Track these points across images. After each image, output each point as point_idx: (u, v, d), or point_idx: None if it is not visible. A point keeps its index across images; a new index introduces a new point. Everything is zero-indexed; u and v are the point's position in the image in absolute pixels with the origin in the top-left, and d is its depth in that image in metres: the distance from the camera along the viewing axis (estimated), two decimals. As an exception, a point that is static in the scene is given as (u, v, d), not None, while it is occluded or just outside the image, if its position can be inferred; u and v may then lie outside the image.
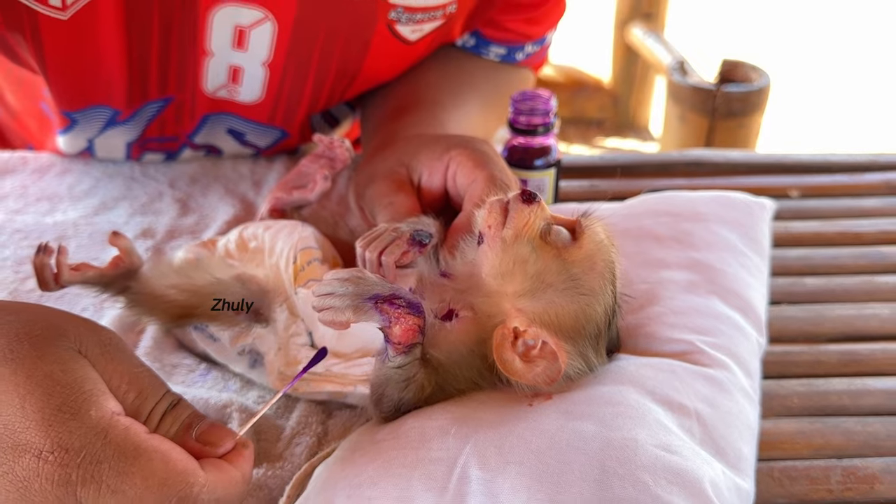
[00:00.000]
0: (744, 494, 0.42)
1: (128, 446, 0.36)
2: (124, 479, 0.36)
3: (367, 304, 0.42)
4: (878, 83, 3.17)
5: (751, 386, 0.49)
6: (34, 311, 0.41)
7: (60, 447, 0.35)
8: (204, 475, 0.38)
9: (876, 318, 0.62)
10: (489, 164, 0.53)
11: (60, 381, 0.37)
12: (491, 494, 0.38)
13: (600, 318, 0.45)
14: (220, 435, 0.40)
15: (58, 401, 0.36)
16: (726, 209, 0.61)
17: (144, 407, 0.40)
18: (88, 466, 0.35)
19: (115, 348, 0.41)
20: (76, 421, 0.36)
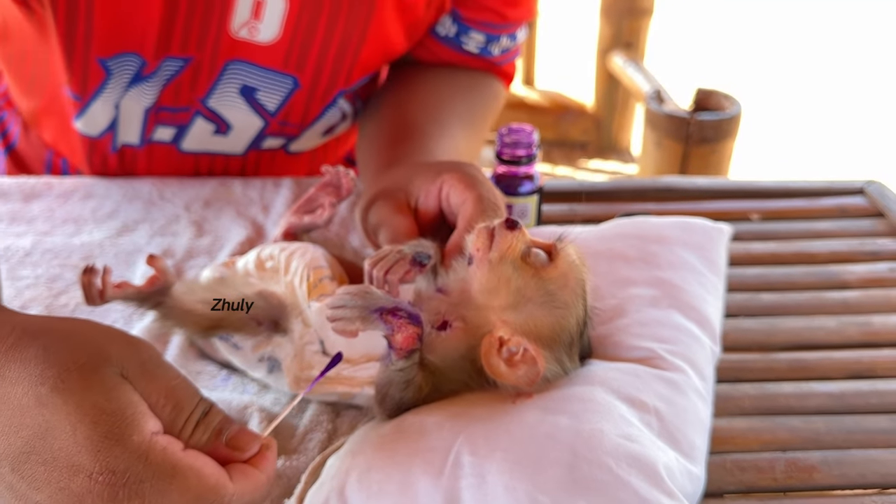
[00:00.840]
0: (694, 478, 0.50)
1: (166, 466, 0.41)
2: (164, 496, 0.41)
3: (374, 315, 0.49)
4: (841, 113, 3.30)
5: (704, 387, 0.56)
6: (81, 335, 0.44)
7: (108, 470, 0.40)
8: (233, 486, 0.43)
9: (823, 329, 0.70)
10: (478, 185, 0.60)
11: (105, 410, 0.41)
12: (480, 476, 0.45)
13: (573, 329, 0.52)
14: (246, 440, 0.45)
15: (104, 429, 0.40)
16: (688, 233, 0.69)
17: (180, 418, 0.44)
18: (133, 486, 0.40)
19: (154, 364, 0.45)
20: (120, 447, 0.40)
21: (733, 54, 3.77)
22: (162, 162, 0.90)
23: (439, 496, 0.45)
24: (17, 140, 0.96)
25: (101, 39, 0.76)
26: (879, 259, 0.79)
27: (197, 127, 0.86)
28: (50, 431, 0.40)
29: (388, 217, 0.61)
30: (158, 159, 0.90)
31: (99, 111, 0.83)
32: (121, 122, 0.85)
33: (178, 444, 0.43)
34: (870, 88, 3.58)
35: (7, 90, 0.96)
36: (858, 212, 0.87)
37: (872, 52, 3.96)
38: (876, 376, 0.65)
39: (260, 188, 0.87)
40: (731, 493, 0.54)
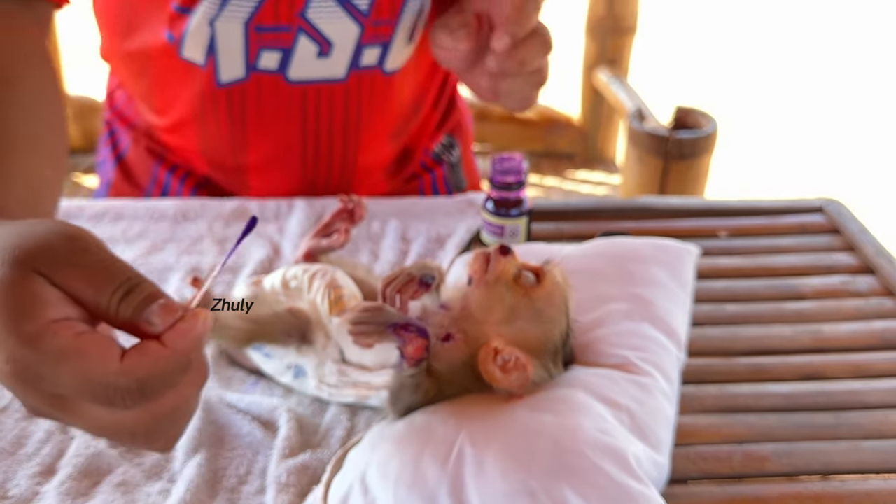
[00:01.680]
0: (660, 466, 0.59)
1: (54, 350, 0.43)
2: (59, 377, 0.43)
3: (388, 330, 0.58)
4: (813, 129, 3.44)
5: (670, 389, 0.65)
6: (6, 240, 0.45)
7: (11, 358, 0.43)
8: (118, 364, 0.43)
9: (779, 337, 0.78)
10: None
11: (7, 307, 0.43)
12: (480, 465, 0.54)
13: (558, 340, 0.61)
14: (163, 313, 0.44)
15: (7, 322, 0.43)
16: (661, 253, 0.78)
17: (102, 298, 0.44)
18: (32, 370, 0.43)
19: (77, 255, 0.45)
20: (14, 337, 0.43)
21: (714, 72, 3.90)
22: (270, 98, 0.91)
23: (446, 481, 0.54)
24: (126, 151, 1.04)
25: None
26: (834, 272, 0.88)
27: (301, 48, 0.87)
28: None
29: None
30: (267, 94, 0.90)
31: (198, 32, 0.85)
32: (220, 46, 0.86)
33: (72, 329, 0.44)
34: (841, 107, 3.71)
35: (121, 108, 1.03)
36: (817, 229, 0.96)
37: (846, 71, 4.08)
38: (824, 378, 0.73)
39: (275, 209, 0.95)
40: (693, 479, 0.63)
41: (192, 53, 0.88)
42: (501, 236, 0.86)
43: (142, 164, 1.02)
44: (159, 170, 1.01)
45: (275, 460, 0.62)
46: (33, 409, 0.47)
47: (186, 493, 0.60)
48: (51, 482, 0.62)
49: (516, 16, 0.74)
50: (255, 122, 0.93)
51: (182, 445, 0.64)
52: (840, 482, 0.63)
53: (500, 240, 0.86)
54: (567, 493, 0.52)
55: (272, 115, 0.92)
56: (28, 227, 0.46)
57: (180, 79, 0.91)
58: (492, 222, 0.85)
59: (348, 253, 0.83)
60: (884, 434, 0.67)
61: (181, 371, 0.46)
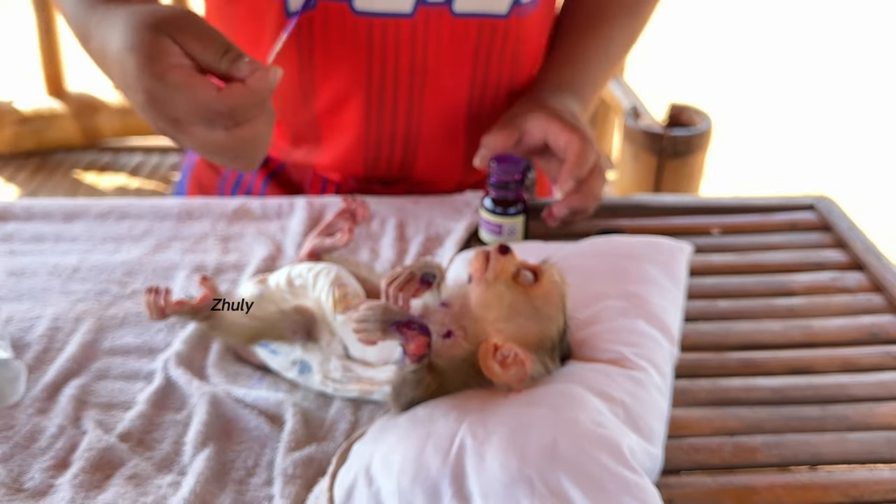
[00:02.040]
0: (654, 457, 0.61)
1: (172, 84, 0.64)
2: (176, 104, 0.64)
3: (391, 328, 0.60)
4: (807, 126, 3.47)
5: (663, 384, 0.67)
6: (144, 15, 0.66)
7: (146, 90, 0.65)
8: (216, 93, 0.63)
9: (770, 332, 0.80)
10: (578, 127, 0.86)
11: (143, 53, 0.64)
12: (480, 456, 0.56)
13: (555, 336, 0.64)
14: (245, 67, 0.64)
15: (141, 65, 0.65)
16: (654, 251, 0.80)
17: (207, 56, 0.65)
18: (159, 98, 0.65)
19: (195, 27, 0.66)
20: (147, 74, 0.64)
21: (708, 70, 3.93)
22: (336, 30, 0.90)
23: (447, 472, 0.56)
24: (283, 164, 1.07)
25: None
26: (823, 269, 0.90)
27: None
28: (125, 67, 0.66)
29: (495, 134, 0.89)
30: (333, 26, 0.90)
31: None
32: None
33: (186, 71, 0.64)
34: (834, 103, 3.73)
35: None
36: (808, 226, 0.98)
37: (839, 68, 4.11)
38: (813, 372, 0.75)
39: (277, 208, 0.97)
40: (686, 470, 0.65)
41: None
42: (500, 234, 0.88)
43: (299, 173, 1.05)
44: (312, 176, 1.04)
45: (281, 453, 0.64)
46: (159, 130, 0.68)
47: (196, 485, 0.62)
48: (64, 475, 0.64)
49: (578, 161, 0.85)
50: (323, 57, 0.93)
51: (191, 439, 0.66)
52: (827, 472, 0.65)
53: (499, 238, 0.88)
54: (564, 482, 0.54)
55: (339, 51, 0.92)
56: (159, 6, 0.68)
57: (258, 17, 0.93)
58: (490, 221, 0.87)
59: (348, 251, 0.85)
60: (870, 426, 0.69)
61: (257, 107, 0.66)
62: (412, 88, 0.95)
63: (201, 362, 0.74)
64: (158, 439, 0.67)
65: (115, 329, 0.79)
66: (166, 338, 0.77)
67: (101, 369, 0.74)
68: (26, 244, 0.91)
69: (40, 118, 2.99)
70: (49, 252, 0.89)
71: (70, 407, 0.70)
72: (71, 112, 2.99)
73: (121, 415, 0.69)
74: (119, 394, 0.72)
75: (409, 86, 0.95)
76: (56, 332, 0.78)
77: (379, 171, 1.01)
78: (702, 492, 0.63)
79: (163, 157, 3.09)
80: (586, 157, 0.86)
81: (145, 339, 0.77)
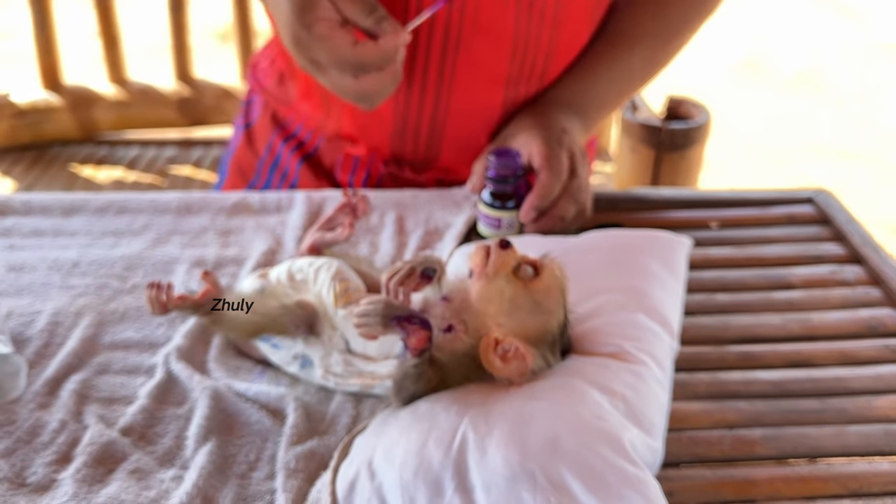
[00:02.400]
0: (654, 450, 0.61)
1: (317, 34, 0.74)
2: (318, 50, 0.75)
3: (392, 322, 0.60)
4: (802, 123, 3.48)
5: (663, 377, 0.67)
6: None
7: (294, 35, 0.75)
8: (352, 47, 0.74)
9: (769, 325, 0.80)
10: (551, 161, 0.87)
11: (297, 5, 0.73)
12: (482, 450, 0.57)
13: (556, 330, 0.64)
14: (383, 27, 0.74)
15: (294, 14, 0.74)
16: (654, 244, 0.80)
17: (356, 12, 0.73)
18: (305, 43, 0.75)
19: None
20: (297, 22, 0.74)
21: (706, 62, 3.93)
22: None
23: (450, 466, 0.56)
24: (255, 120, 1.12)
25: None
26: (822, 262, 0.90)
27: None
28: (281, 11, 0.75)
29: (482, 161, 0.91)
30: None
31: None
32: None
33: (330, 24, 0.73)
34: (832, 97, 3.73)
35: (260, 76, 1.10)
36: (806, 219, 0.98)
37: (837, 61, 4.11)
38: (812, 365, 0.75)
39: (276, 201, 0.97)
40: (686, 463, 0.65)
41: None
42: (498, 228, 0.88)
43: (263, 132, 1.10)
44: (276, 139, 1.08)
45: (283, 447, 0.65)
46: (301, 66, 0.78)
47: (199, 479, 0.62)
48: (67, 470, 0.64)
49: (541, 193, 0.86)
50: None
51: (192, 434, 0.67)
52: (826, 465, 0.65)
53: (497, 232, 0.88)
54: (565, 475, 0.55)
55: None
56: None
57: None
58: (488, 214, 0.88)
59: (348, 245, 0.85)
60: (868, 419, 0.70)
61: (384, 63, 0.76)
62: (443, 61, 0.92)
63: (202, 357, 0.74)
64: (160, 433, 0.68)
65: (115, 323, 0.79)
66: (167, 332, 0.77)
67: (102, 364, 0.74)
68: (25, 239, 0.91)
69: (36, 111, 2.98)
70: (48, 246, 0.90)
71: (71, 402, 0.70)
72: (67, 105, 2.99)
73: (122, 409, 0.69)
74: (120, 388, 0.72)
75: (441, 58, 0.92)
76: (56, 326, 0.78)
77: (406, 150, 1.00)
78: (701, 484, 0.63)
79: (160, 150, 3.09)
80: (550, 190, 0.87)
81: (146, 334, 0.77)
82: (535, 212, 0.87)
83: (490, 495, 0.55)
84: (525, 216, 0.87)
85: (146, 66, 3.26)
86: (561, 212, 0.88)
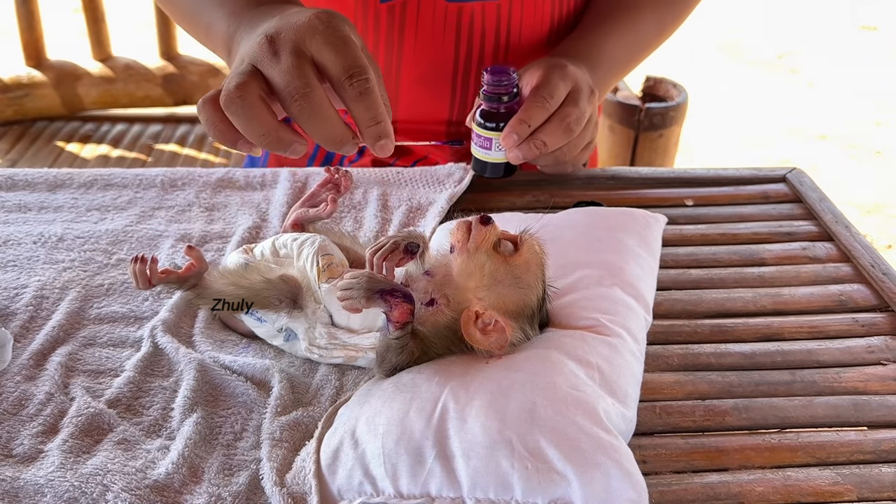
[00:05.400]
0: (628, 419, 0.63)
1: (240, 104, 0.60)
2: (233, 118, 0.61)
3: (376, 296, 0.62)
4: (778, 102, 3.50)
5: (637, 349, 0.69)
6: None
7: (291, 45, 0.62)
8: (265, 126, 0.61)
9: (741, 300, 0.82)
10: (542, 86, 0.83)
11: (322, 22, 0.63)
12: (462, 419, 0.58)
13: (534, 304, 0.66)
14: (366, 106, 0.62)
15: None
16: (630, 221, 0.82)
17: (335, 69, 0.61)
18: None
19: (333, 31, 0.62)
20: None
21: (684, 42, 3.95)
22: (428, 14, 0.94)
23: (431, 435, 0.58)
24: None
25: None
26: (794, 239, 0.92)
27: None
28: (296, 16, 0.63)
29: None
30: (425, 11, 0.95)
31: None
32: None
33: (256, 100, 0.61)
34: (809, 77, 3.76)
35: None
36: (780, 197, 1.00)
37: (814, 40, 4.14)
38: (782, 339, 0.77)
39: (260, 177, 0.98)
40: (658, 432, 0.67)
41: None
42: (489, 150, 0.87)
43: None
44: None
45: (268, 417, 0.66)
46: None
47: (185, 448, 0.63)
48: (53, 441, 0.65)
49: (525, 115, 0.83)
50: (412, 39, 0.96)
51: (179, 405, 0.68)
52: (795, 435, 0.67)
53: (488, 153, 0.87)
54: (542, 443, 0.56)
55: (428, 33, 0.96)
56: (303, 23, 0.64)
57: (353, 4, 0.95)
58: (480, 134, 0.87)
59: (332, 221, 0.86)
60: (836, 391, 0.72)
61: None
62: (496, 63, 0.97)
63: (188, 330, 0.76)
64: (146, 405, 0.69)
65: (101, 297, 0.80)
66: (152, 306, 0.78)
67: (88, 337, 0.75)
68: (10, 213, 0.91)
69: (20, 86, 2.95)
70: (33, 221, 0.90)
71: (58, 374, 0.71)
72: (51, 81, 2.96)
73: (109, 381, 0.71)
74: (107, 361, 0.73)
75: (493, 62, 0.97)
76: (42, 300, 0.79)
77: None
78: (674, 453, 0.65)
79: (144, 127, 3.08)
80: (533, 113, 0.83)
81: (132, 308, 0.78)
82: (515, 135, 0.83)
83: (469, 462, 0.57)
84: (503, 139, 0.84)
85: (131, 43, 3.23)
86: (545, 137, 0.85)
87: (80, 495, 0.59)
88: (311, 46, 0.60)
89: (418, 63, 0.98)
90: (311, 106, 0.58)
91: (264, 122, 0.58)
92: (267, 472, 0.61)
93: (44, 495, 0.59)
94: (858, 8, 4.56)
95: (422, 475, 0.57)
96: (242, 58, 0.61)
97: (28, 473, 0.61)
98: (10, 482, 0.60)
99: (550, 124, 0.84)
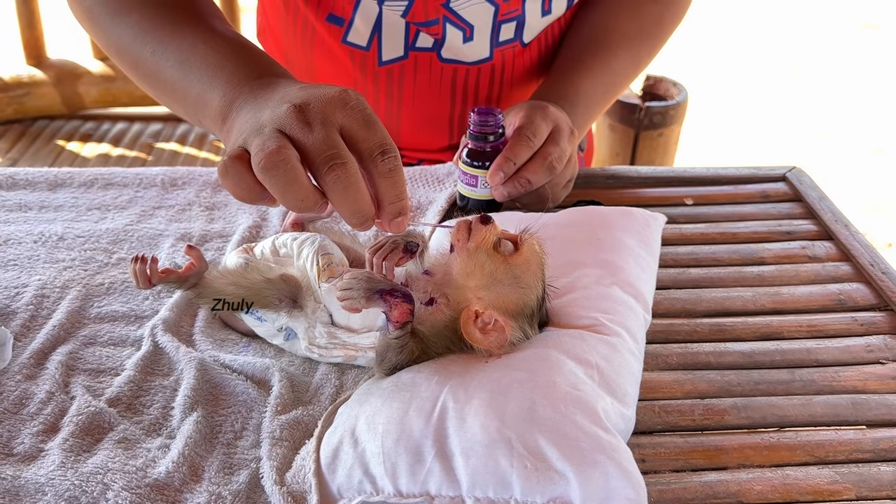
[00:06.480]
0: (627, 418, 0.63)
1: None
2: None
3: (375, 296, 0.62)
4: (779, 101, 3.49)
5: (637, 348, 0.69)
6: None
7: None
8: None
9: (740, 299, 0.82)
10: (524, 128, 0.86)
11: (309, 100, 0.60)
12: (461, 418, 0.59)
13: (534, 303, 0.66)
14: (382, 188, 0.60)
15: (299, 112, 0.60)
16: (629, 220, 0.82)
17: (367, 144, 0.59)
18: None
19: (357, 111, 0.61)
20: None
21: (685, 41, 3.95)
22: (424, 74, 1.01)
23: (430, 433, 0.58)
24: None
25: None
26: (793, 238, 0.92)
27: (450, 34, 0.98)
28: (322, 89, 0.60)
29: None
30: (422, 71, 1.01)
31: (361, 25, 0.97)
32: (384, 33, 0.98)
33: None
34: (808, 76, 3.75)
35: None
36: (779, 196, 1.01)
37: (813, 40, 4.13)
38: (781, 338, 0.78)
39: (260, 178, 0.98)
40: (657, 431, 0.68)
41: (356, 40, 1.00)
42: (475, 187, 0.88)
43: None
44: None
45: (269, 416, 0.66)
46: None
47: (185, 447, 0.64)
48: (54, 440, 0.65)
49: (510, 154, 0.86)
50: (410, 96, 1.02)
51: (179, 404, 0.68)
52: (794, 433, 0.68)
53: (474, 190, 0.89)
54: (541, 442, 0.57)
55: (426, 90, 1.02)
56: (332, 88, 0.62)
57: (340, 61, 1.01)
58: (466, 172, 0.88)
59: (332, 221, 0.87)
60: (835, 389, 0.72)
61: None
62: None
63: (189, 329, 0.76)
64: (147, 404, 0.69)
65: (101, 296, 0.80)
66: (153, 305, 0.78)
67: (88, 336, 0.76)
68: (10, 213, 0.92)
69: (20, 85, 2.95)
70: (34, 220, 0.90)
71: (58, 373, 0.71)
72: (51, 80, 2.96)
73: (109, 380, 0.71)
74: (107, 360, 0.73)
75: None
76: (43, 299, 0.79)
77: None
78: (673, 451, 0.65)
79: (145, 126, 3.08)
80: (517, 152, 0.86)
81: (132, 307, 0.78)
82: (501, 173, 0.86)
83: (469, 461, 0.57)
84: (490, 177, 0.86)
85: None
86: (529, 175, 0.87)
87: (80, 494, 0.59)
88: (342, 119, 0.59)
89: (416, 116, 1.05)
90: (347, 176, 0.57)
91: (304, 186, 0.58)
92: (267, 470, 0.61)
93: (44, 494, 0.59)
94: (859, 6, 4.56)
95: (421, 474, 0.57)
96: (262, 124, 0.59)
97: (29, 472, 0.61)
98: (10, 481, 0.60)
99: (533, 163, 0.87)
